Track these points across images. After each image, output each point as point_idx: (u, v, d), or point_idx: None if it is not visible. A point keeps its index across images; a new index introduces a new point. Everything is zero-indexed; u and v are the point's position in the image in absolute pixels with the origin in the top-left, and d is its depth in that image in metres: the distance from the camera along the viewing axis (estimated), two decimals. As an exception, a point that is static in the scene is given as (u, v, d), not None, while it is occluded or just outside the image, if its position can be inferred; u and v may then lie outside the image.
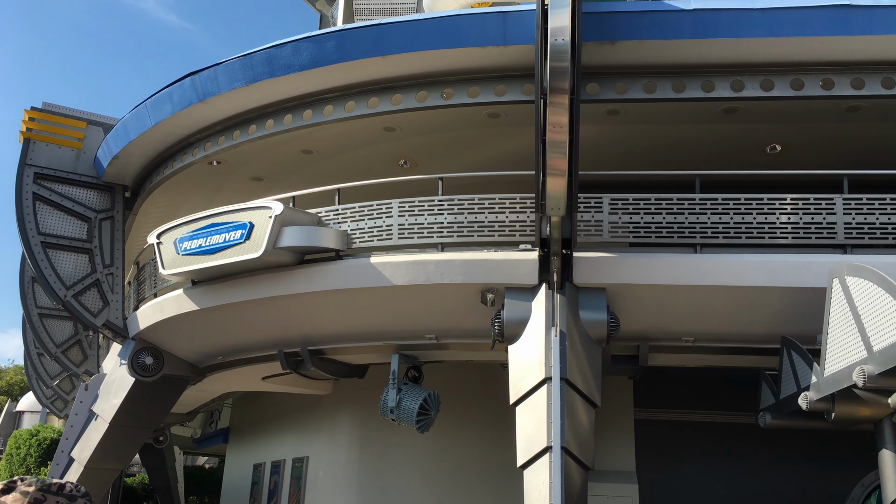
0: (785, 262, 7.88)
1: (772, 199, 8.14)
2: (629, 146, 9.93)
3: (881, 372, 5.60)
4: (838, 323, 6.43)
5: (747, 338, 8.83)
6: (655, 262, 8.03)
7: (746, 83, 8.20)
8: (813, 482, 9.92)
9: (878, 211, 7.93)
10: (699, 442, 10.34)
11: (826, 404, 6.77)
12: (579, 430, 7.52)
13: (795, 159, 9.63)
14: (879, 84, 8.00)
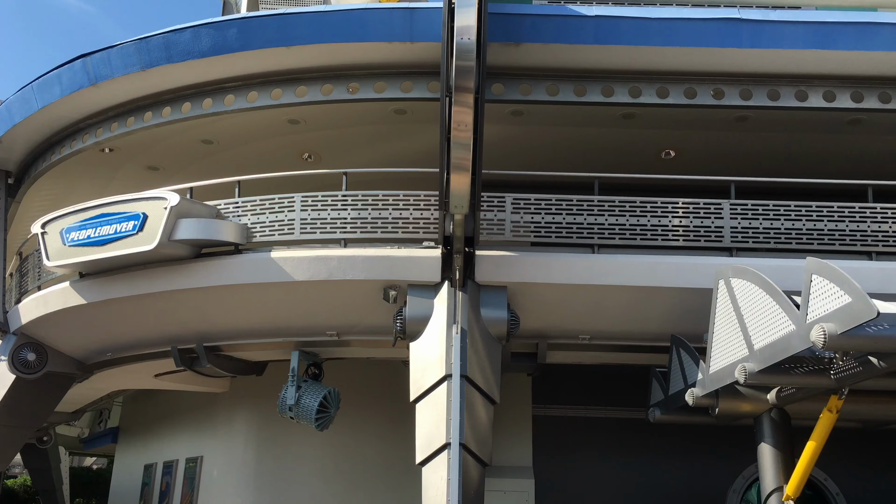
0: (676, 263, 8.19)
1: (665, 202, 8.45)
2: (532, 147, 10.10)
3: (761, 369, 5.91)
4: (723, 322, 6.75)
5: (640, 336, 9.15)
6: (555, 261, 8.20)
7: (644, 90, 8.48)
8: (699, 474, 10.38)
9: (762, 216, 8.35)
10: (594, 437, 10.64)
11: (711, 400, 7.10)
12: (478, 426, 7.59)
13: (688, 165, 10.03)
14: (766, 96, 8.43)
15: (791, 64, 8.21)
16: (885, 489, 10.18)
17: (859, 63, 8.15)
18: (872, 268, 8.11)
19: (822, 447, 6.34)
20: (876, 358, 5.36)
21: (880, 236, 8.27)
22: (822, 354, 5.84)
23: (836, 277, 4.92)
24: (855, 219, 8.31)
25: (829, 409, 6.03)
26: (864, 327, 4.77)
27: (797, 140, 9.54)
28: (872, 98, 8.39)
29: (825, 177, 8.86)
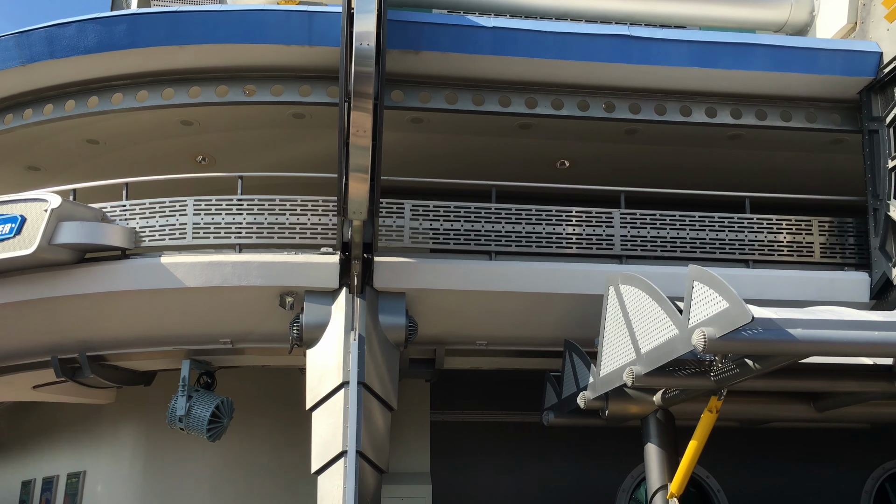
0: (570, 270, 8.43)
1: (560, 211, 8.69)
2: (432, 154, 10.17)
3: (647, 372, 6.15)
4: (613, 327, 6.98)
5: (535, 341, 9.35)
6: (453, 267, 8.28)
7: (539, 101, 8.69)
8: (591, 475, 10.67)
9: (650, 225, 8.72)
10: (490, 441, 10.77)
11: (601, 402, 7.33)
12: (375, 433, 7.56)
13: (582, 175, 10.34)
14: (653, 110, 8.80)
15: (676, 80, 8.61)
16: (761, 484, 10.77)
17: (738, 81, 8.63)
18: (749, 275, 8.60)
19: (704, 446, 6.65)
20: (751, 360, 5.66)
21: (757, 245, 8.78)
22: (702, 357, 6.14)
23: (716, 284, 5.18)
24: (734, 229, 8.79)
25: (710, 410, 6.33)
26: (741, 331, 5.04)
27: (682, 153, 10.00)
28: (750, 115, 8.90)
29: (708, 188, 9.31)
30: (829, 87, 8.72)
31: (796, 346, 5.17)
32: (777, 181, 10.14)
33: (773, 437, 10.64)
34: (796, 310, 5.52)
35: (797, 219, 8.89)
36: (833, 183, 9.63)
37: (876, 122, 8.62)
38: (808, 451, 10.88)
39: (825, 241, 8.85)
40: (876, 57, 8.48)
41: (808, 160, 10.08)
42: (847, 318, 5.39)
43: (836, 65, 8.51)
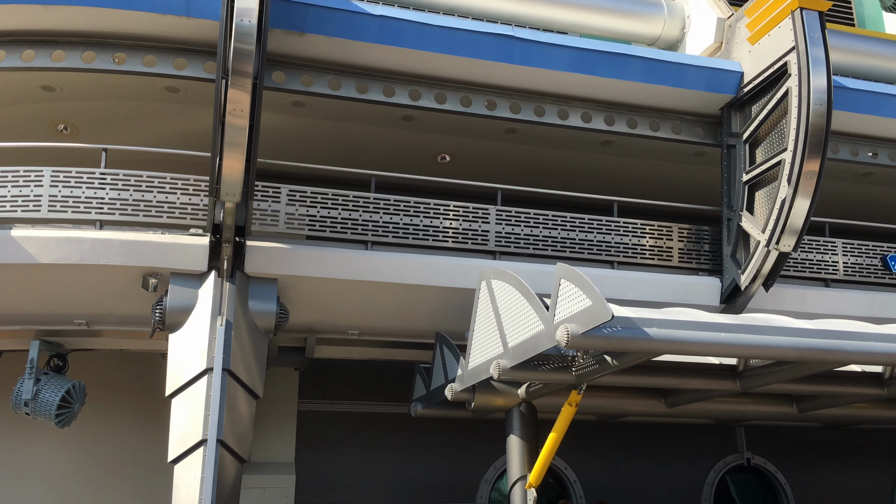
0: (445, 263, 8.51)
1: (438, 204, 8.76)
2: (312, 140, 10.00)
3: (513, 366, 6.30)
4: (483, 321, 7.12)
5: (407, 333, 9.39)
6: (329, 256, 8.18)
7: (423, 94, 8.71)
8: (457, 465, 10.85)
9: (524, 223, 8.94)
10: (358, 432, 10.75)
11: (468, 395, 7.46)
12: (238, 422, 7.37)
13: (461, 170, 10.44)
14: (532, 111, 9.01)
15: (555, 84, 8.85)
16: (614, 475, 11.31)
17: (613, 89, 8.98)
18: (614, 275, 8.98)
19: (562, 438, 6.90)
20: (610, 356, 5.93)
21: (622, 248, 9.18)
22: (566, 353, 6.37)
23: (581, 282, 5.38)
24: (602, 231, 9.15)
25: (570, 403, 6.57)
26: (602, 329, 5.25)
27: (558, 155, 10.30)
28: (622, 123, 9.29)
29: (580, 191, 9.61)
30: (695, 101, 9.23)
31: (651, 345, 5.44)
32: (644, 187, 10.62)
33: (627, 430, 11.19)
34: (653, 310, 5.81)
35: (659, 224, 9.36)
36: (693, 192, 10.20)
37: (734, 138, 9.21)
38: (658, 445, 11.53)
39: (683, 246, 9.37)
40: (737, 76, 9.05)
41: (672, 169, 10.62)
42: (697, 319, 5.73)
43: (702, 81, 9.02)
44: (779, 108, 8.49)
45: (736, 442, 11.98)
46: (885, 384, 7.39)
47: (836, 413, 8.75)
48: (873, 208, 11.16)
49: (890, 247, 9.94)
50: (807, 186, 8.21)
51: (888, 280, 9.82)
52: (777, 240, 8.40)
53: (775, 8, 8.53)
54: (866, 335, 5.98)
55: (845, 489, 12.23)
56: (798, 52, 8.17)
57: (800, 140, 8.12)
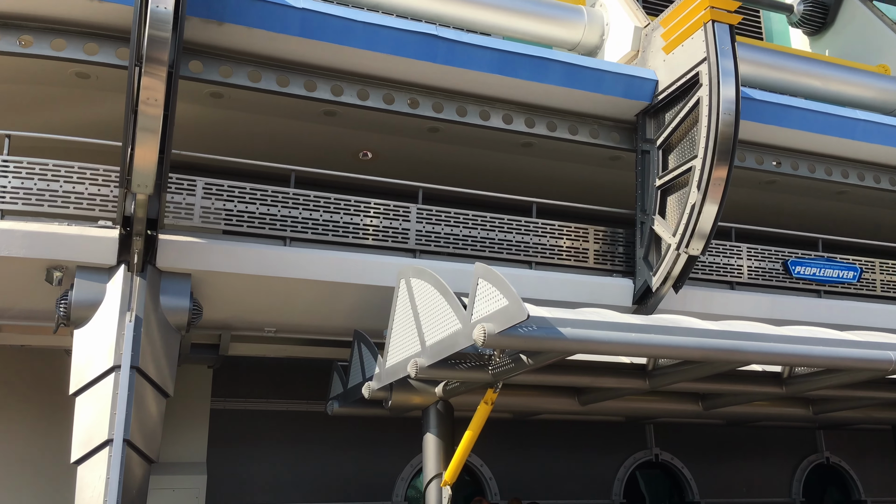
0: (365, 261, 8.46)
1: (359, 201, 8.71)
2: (231, 132, 9.77)
3: (430, 364, 6.33)
4: (401, 319, 7.12)
5: (325, 330, 9.31)
6: (246, 251, 8.02)
7: (345, 89, 8.64)
8: (373, 464, 10.83)
9: (444, 222, 8.98)
10: (274, 430, 10.59)
11: (385, 393, 7.45)
12: (146, 421, 7.14)
13: (383, 167, 10.41)
14: (455, 111, 9.06)
15: (478, 85, 8.93)
16: (529, 472, 11.51)
17: (533, 92, 9.12)
18: (532, 275, 9.12)
19: (478, 436, 6.97)
20: (526, 355, 6.02)
21: (540, 248, 9.34)
22: (483, 351, 6.43)
23: (497, 282, 5.44)
24: (521, 231, 9.29)
25: (486, 402, 6.63)
26: (517, 328, 5.32)
27: (480, 155, 10.39)
28: (542, 125, 9.44)
29: (501, 191, 9.73)
30: (612, 107, 9.47)
31: (565, 344, 5.55)
32: (562, 189, 10.81)
33: (541, 428, 11.40)
34: (567, 310, 5.93)
35: (577, 226, 9.56)
36: (610, 196, 10.46)
37: (648, 144, 9.49)
38: (571, 442, 11.80)
39: (599, 248, 9.60)
40: (652, 84, 9.33)
41: (590, 172, 10.86)
42: (609, 320, 5.88)
43: (619, 87, 9.25)
44: (690, 116, 8.80)
45: (645, 438, 12.36)
46: (783, 383, 7.77)
47: (739, 410, 9.14)
48: (776, 215, 11.70)
49: (791, 252, 10.44)
50: (715, 192, 8.54)
51: (789, 284, 10.32)
52: (687, 243, 8.71)
53: (689, 20, 8.84)
54: (766, 336, 6.27)
55: (746, 483, 12.80)
56: (709, 63, 8.48)
57: (709, 148, 8.43)
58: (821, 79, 12.45)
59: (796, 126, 10.03)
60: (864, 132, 10.38)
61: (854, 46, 13.70)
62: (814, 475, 13.37)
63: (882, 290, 10.77)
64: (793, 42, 14.92)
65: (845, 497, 13.58)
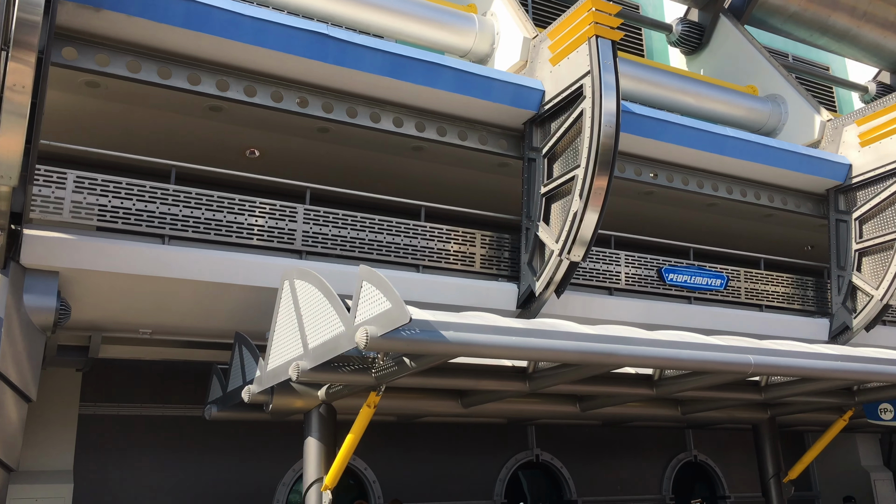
0: (248, 261, 8.26)
1: (244, 200, 8.49)
2: (108, 124, 9.32)
3: (312, 367, 6.25)
4: (284, 322, 6.99)
5: (205, 332, 9.03)
6: (120, 249, 7.66)
7: (232, 85, 8.42)
8: (253, 470, 10.57)
9: (332, 224, 8.89)
10: (148, 436, 10.15)
11: (266, 397, 7.29)
12: (6, 427, 6.71)
13: (270, 166, 10.21)
14: (345, 112, 9.00)
15: (369, 86, 8.90)
16: (413, 474, 11.55)
17: (424, 97, 9.18)
18: (419, 279, 9.17)
19: (362, 439, 6.95)
20: (408, 358, 6.05)
21: (427, 252, 9.40)
22: (366, 354, 6.41)
23: (381, 285, 5.44)
24: (409, 234, 9.32)
25: (368, 405, 6.62)
26: (400, 331, 5.34)
27: (370, 157, 10.36)
28: (432, 130, 9.52)
29: (390, 194, 9.73)
30: (500, 115, 9.66)
31: (448, 347, 5.61)
32: (451, 194, 10.95)
33: (425, 430, 11.48)
34: (450, 314, 6.00)
35: (464, 231, 9.69)
36: (497, 201, 10.66)
37: (534, 152, 9.75)
38: (455, 443, 11.93)
39: (485, 253, 9.77)
40: (539, 94, 9.58)
41: (478, 178, 11.04)
42: (492, 323, 5.99)
43: (507, 96, 9.46)
44: (574, 127, 9.10)
45: (527, 439, 12.66)
46: (654, 385, 8.15)
47: (614, 411, 9.52)
48: (653, 224, 12.26)
49: (665, 260, 10.97)
50: (596, 201, 8.86)
51: (662, 290, 10.83)
52: (569, 250, 8.99)
53: (574, 34, 9.15)
54: (638, 340, 6.56)
55: (621, 481, 13.33)
56: (592, 76, 8.80)
57: (591, 158, 8.75)
58: (695, 96, 13.17)
59: (672, 140, 10.55)
60: (732, 148, 11.05)
61: (726, 67, 14.56)
62: (683, 472, 14.08)
63: (746, 297, 11.49)
64: (671, 60, 15.69)
65: (711, 493, 14.39)
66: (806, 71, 17.53)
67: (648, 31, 15.82)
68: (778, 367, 7.18)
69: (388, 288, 5.37)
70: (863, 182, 11.77)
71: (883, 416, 9.48)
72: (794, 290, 12.00)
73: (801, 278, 12.15)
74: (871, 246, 11.56)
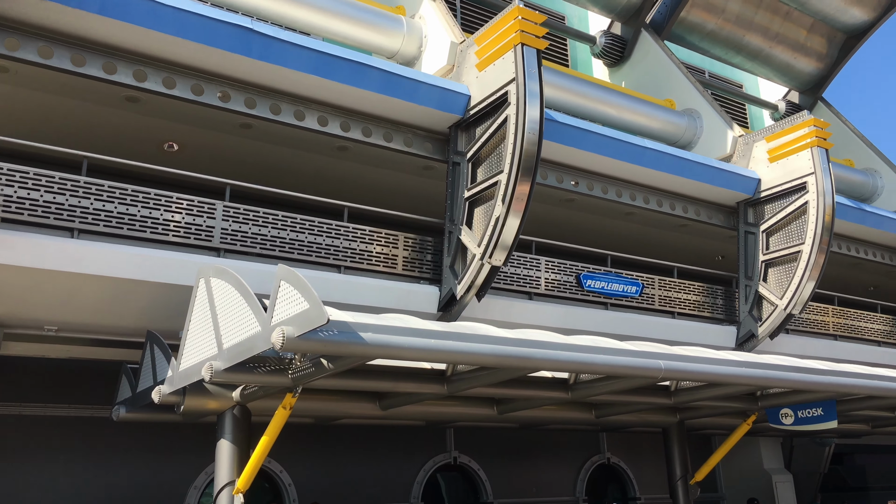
0: (163, 258, 8.03)
1: (159, 195, 8.25)
2: (16, 111, 8.91)
3: (227, 368, 6.11)
4: (199, 321, 6.82)
5: (115, 330, 8.74)
6: (24, 242, 7.34)
7: (150, 76, 8.18)
8: (165, 472, 10.25)
9: (252, 222, 8.73)
10: (53, 438, 9.70)
11: (177, 397, 7.10)
12: None
13: (190, 161, 9.95)
14: (268, 108, 8.86)
15: (293, 84, 8.79)
16: (331, 477, 11.43)
17: (350, 96, 9.13)
18: (340, 280, 9.10)
19: (278, 442, 6.83)
20: (326, 360, 5.99)
21: (350, 252, 9.34)
22: (283, 355, 6.32)
23: (299, 285, 5.37)
24: (331, 235, 9.24)
25: (284, 406, 6.52)
26: (318, 332, 5.28)
27: (294, 156, 10.23)
28: (357, 130, 9.47)
29: (314, 193, 9.62)
30: (426, 118, 9.69)
31: (365, 349, 5.58)
32: (375, 195, 10.93)
33: (343, 432, 11.39)
34: (369, 315, 5.97)
35: (387, 232, 9.67)
36: (422, 204, 10.69)
37: (459, 156, 9.82)
38: (373, 446, 11.87)
39: (408, 255, 9.77)
40: (465, 99, 9.66)
41: (403, 180, 11.04)
42: (411, 326, 5.99)
43: (433, 99, 9.49)
44: (498, 132, 9.21)
45: (445, 442, 12.71)
46: (570, 389, 8.31)
47: (530, 414, 9.66)
48: (573, 231, 12.52)
49: (584, 266, 11.21)
50: (518, 207, 8.99)
51: (581, 296, 11.06)
52: (490, 254, 9.09)
53: (500, 41, 9.26)
54: (554, 345, 6.68)
55: (536, 483, 13.52)
56: (517, 83, 8.93)
57: (514, 164, 8.87)
58: (616, 108, 13.53)
59: (593, 150, 10.80)
60: (650, 160, 11.39)
61: (646, 80, 15.01)
62: (596, 474, 14.40)
63: (660, 304, 11.85)
64: (595, 71, 16.06)
65: (623, 494, 14.76)
66: (721, 87, 18.24)
67: (573, 41, 16.15)
68: (686, 372, 7.44)
69: (306, 288, 5.30)
70: (770, 196, 12.32)
71: (784, 420, 9.92)
72: (705, 299, 12.44)
73: (711, 287, 12.61)
74: (776, 257, 12.11)
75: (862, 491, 19.19)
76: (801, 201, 11.88)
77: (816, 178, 11.73)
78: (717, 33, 16.42)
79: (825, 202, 11.64)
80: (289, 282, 5.53)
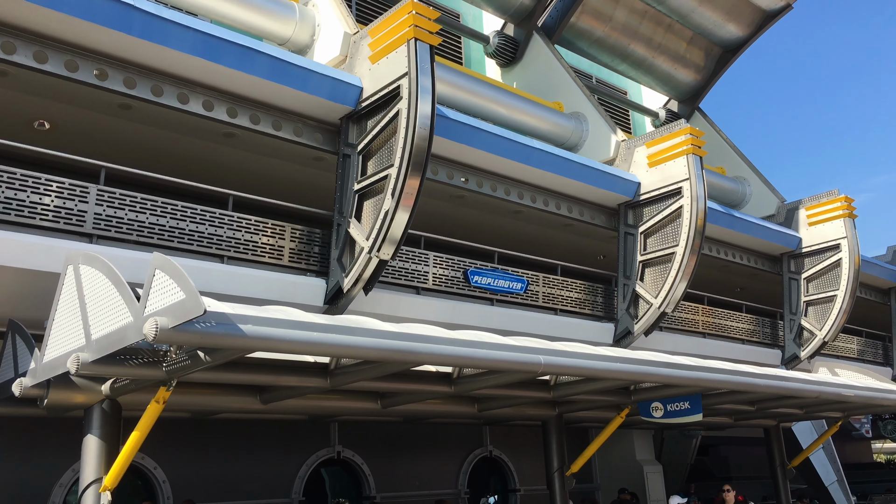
0: (28, 242, 7.56)
1: (26, 175, 7.75)
2: None
3: (95, 359, 5.81)
4: (66, 310, 6.46)
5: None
6: None
7: (19, 48, 7.66)
8: (28, 470, 9.65)
9: (129, 207, 8.34)
10: None
11: (41, 391, 6.71)
12: None
13: (63, 141, 9.38)
14: (150, 90, 8.48)
15: (177, 65, 8.45)
16: (208, 473, 11.10)
17: (237, 82, 8.86)
18: (223, 270, 8.84)
19: (153, 438, 6.56)
20: (203, 352, 5.79)
21: (234, 242, 9.07)
22: (157, 347, 6.07)
23: (175, 273, 5.18)
24: (214, 223, 8.95)
25: (157, 400, 6.26)
26: (194, 323, 5.10)
27: (176, 140, 9.83)
28: (245, 117, 9.21)
29: (198, 181, 9.25)
30: (317, 107, 9.54)
31: (244, 342, 5.43)
32: (263, 185, 10.65)
33: (222, 427, 11.08)
34: (250, 307, 5.81)
35: (273, 223, 9.46)
36: (310, 195, 10.51)
37: (350, 148, 9.73)
38: (253, 441, 11.61)
39: (295, 247, 9.60)
40: (357, 91, 9.58)
41: (292, 170, 10.83)
42: (293, 318, 5.88)
43: (324, 89, 9.36)
44: (390, 126, 9.19)
45: (329, 436, 12.60)
46: (453, 383, 8.41)
47: (414, 408, 9.70)
48: (461, 227, 12.66)
49: (472, 262, 11.36)
50: (407, 201, 9.00)
51: (467, 291, 11.21)
52: (378, 248, 9.06)
53: (394, 34, 9.24)
54: (439, 339, 6.72)
55: (419, 477, 13.62)
56: (410, 78, 8.93)
57: (404, 158, 8.87)
58: (507, 107, 13.78)
59: (484, 147, 10.95)
60: (538, 160, 11.67)
61: (536, 82, 15.36)
62: (478, 467, 14.65)
63: (543, 301, 12.17)
64: (488, 71, 16.30)
65: (503, 486, 15.08)
66: (607, 93, 18.92)
67: (468, 40, 16.32)
68: (564, 367, 7.66)
69: (182, 277, 5.12)
70: (649, 199, 12.89)
71: (654, 413, 10.40)
72: (586, 297, 12.88)
73: (592, 285, 13.06)
74: (653, 258, 12.69)
75: (726, 480, 20.41)
76: (676, 205, 12.49)
77: (691, 183, 12.35)
78: (604, 40, 17.00)
79: (698, 207, 12.28)
80: (164, 270, 5.32)
